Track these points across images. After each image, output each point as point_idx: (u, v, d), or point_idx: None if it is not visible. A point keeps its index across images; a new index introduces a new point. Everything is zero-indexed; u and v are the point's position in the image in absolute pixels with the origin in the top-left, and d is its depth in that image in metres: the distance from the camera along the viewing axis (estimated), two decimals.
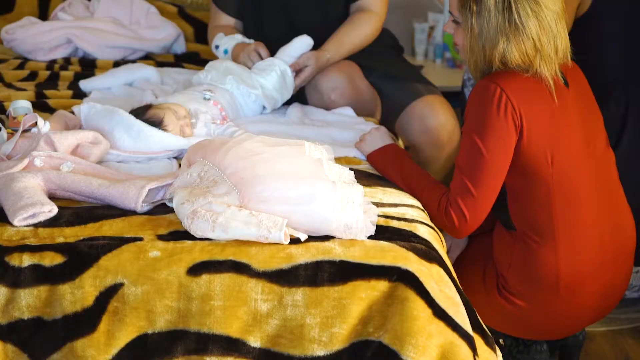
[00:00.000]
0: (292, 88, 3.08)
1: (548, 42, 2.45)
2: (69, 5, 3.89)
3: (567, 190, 2.51)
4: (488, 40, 2.47)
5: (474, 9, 2.48)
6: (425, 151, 3.25)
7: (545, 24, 2.45)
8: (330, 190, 2.17)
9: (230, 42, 3.26)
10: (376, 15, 3.29)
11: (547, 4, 2.45)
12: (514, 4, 2.43)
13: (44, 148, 2.46)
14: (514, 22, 2.44)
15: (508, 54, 2.45)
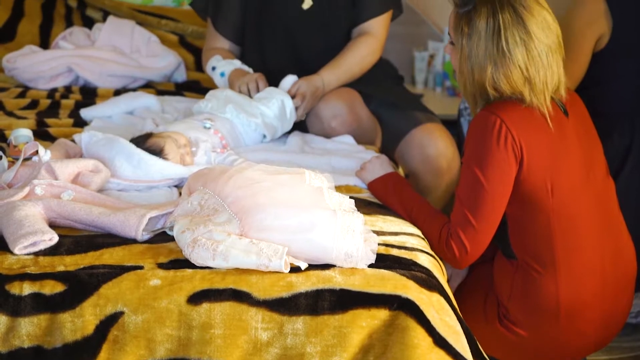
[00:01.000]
0: (292, 119, 3.09)
1: (537, 73, 2.46)
2: (70, 34, 3.91)
3: (568, 219, 2.51)
4: (477, 64, 2.48)
5: (466, 31, 2.50)
6: (425, 179, 3.25)
7: (535, 54, 2.45)
8: (331, 219, 2.17)
9: (228, 66, 3.27)
10: (375, 38, 3.30)
11: (538, 35, 2.45)
12: (504, 31, 2.44)
13: (45, 176, 2.46)
14: (502, 49, 2.45)
15: (497, 81, 2.46)
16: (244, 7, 3.37)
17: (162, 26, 4.08)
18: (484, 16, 2.46)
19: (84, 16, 4.13)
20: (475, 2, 2.48)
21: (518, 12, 2.44)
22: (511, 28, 2.44)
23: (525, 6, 2.45)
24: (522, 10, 2.44)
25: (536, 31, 2.44)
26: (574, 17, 3.21)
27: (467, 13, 2.50)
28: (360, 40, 3.29)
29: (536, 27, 2.45)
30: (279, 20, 3.30)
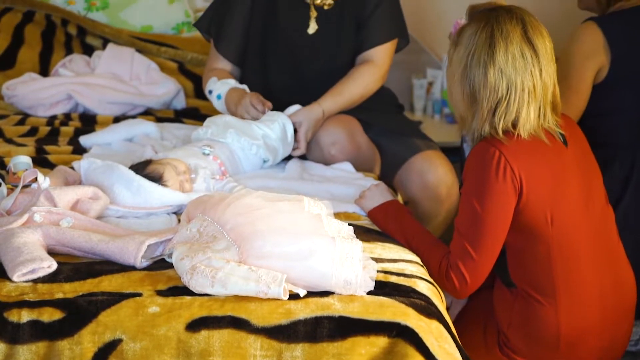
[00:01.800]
0: (292, 143, 3.10)
1: (485, 100, 2.46)
2: (70, 62, 3.92)
3: (567, 248, 2.51)
4: (450, 73, 2.54)
5: (455, 40, 2.56)
6: (424, 206, 3.25)
7: (491, 82, 2.45)
8: (330, 246, 2.17)
9: (223, 87, 3.29)
10: (378, 67, 3.32)
11: (502, 66, 2.44)
12: (474, 48, 2.47)
13: (44, 204, 2.46)
14: (465, 64, 2.48)
15: (455, 92, 2.50)
16: (247, 29, 3.38)
17: (162, 53, 4.09)
18: (470, 32, 2.51)
19: (83, 43, 4.14)
20: (472, 20, 2.52)
21: (493, 37, 2.46)
22: (480, 49, 2.47)
23: (503, 33, 2.45)
24: (497, 35, 2.46)
25: (501, 60, 2.44)
26: (573, 49, 3.22)
27: (462, 26, 2.55)
28: (363, 68, 3.31)
29: (504, 56, 2.44)
30: (283, 43, 3.31)
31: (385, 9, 3.35)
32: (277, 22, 3.34)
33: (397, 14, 3.41)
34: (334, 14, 3.33)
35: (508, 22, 2.47)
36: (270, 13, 3.35)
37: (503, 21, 2.47)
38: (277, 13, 3.34)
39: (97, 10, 4.25)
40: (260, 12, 3.36)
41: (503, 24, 2.47)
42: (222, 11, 3.41)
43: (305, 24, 3.33)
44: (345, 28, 3.33)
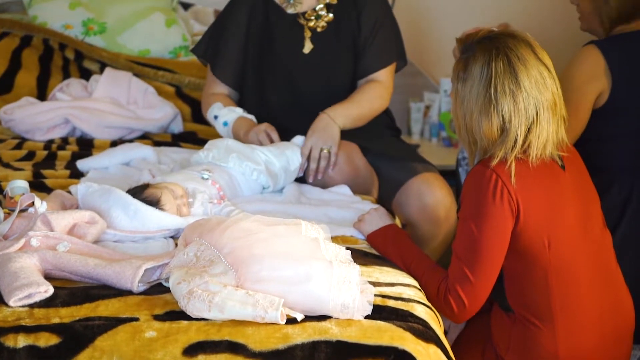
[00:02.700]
0: (295, 175, 3.09)
1: (518, 126, 2.46)
2: (67, 86, 3.92)
3: (565, 273, 2.51)
4: (468, 110, 2.50)
5: (461, 76, 2.53)
6: (422, 228, 3.25)
7: (521, 107, 2.45)
8: (327, 270, 2.17)
9: (230, 115, 3.30)
10: (383, 85, 3.37)
11: (528, 88, 2.45)
12: (494, 78, 2.45)
13: (41, 228, 2.46)
14: (490, 96, 2.46)
15: (477, 127, 2.48)
16: (245, 51, 3.41)
17: (159, 77, 4.10)
18: (480, 63, 2.48)
19: (81, 68, 4.14)
20: (476, 49, 2.50)
21: (512, 62, 2.46)
22: (502, 77, 2.45)
23: (520, 58, 2.46)
24: (516, 61, 2.46)
25: (527, 84, 2.45)
26: (574, 73, 3.21)
27: (466, 59, 2.52)
28: (369, 85, 3.36)
29: (528, 80, 2.45)
30: (280, 64, 3.32)
31: (386, 32, 3.40)
32: (273, 42, 3.37)
33: (396, 35, 3.46)
34: (329, 35, 3.36)
35: (519, 47, 2.47)
36: (267, 33, 3.39)
37: (514, 46, 2.47)
38: (273, 33, 3.38)
39: (95, 35, 4.26)
40: (257, 33, 3.40)
41: (515, 49, 2.47)
42: (217, 35, 3.45)
43: (301, 43, 3.36)
44: (341, 49, 3.36)
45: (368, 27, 3.36)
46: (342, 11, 3.39)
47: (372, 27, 3.36)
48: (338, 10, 3.39)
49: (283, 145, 3.12)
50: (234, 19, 3.43)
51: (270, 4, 3.41)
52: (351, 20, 3.37)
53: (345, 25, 3.37)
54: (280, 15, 3.39)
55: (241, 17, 3.42)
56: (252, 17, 3.41)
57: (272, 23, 3.39)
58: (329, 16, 3.37)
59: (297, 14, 3.39)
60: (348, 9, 3.38)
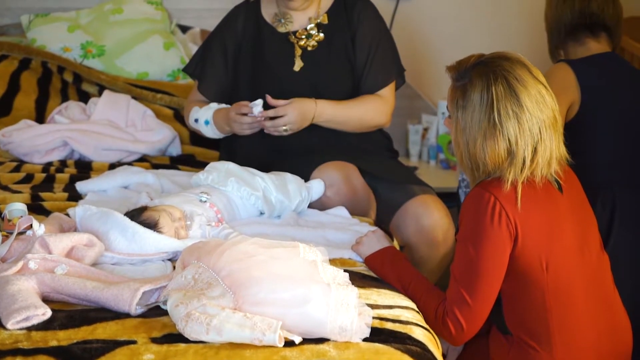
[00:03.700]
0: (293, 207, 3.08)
1: (525, 147, 2.46)
2: (66, 109, 3.92)
3: (563, 296, 2.51)
4: (471, 137, 2.49)
5: (461, 104, 2.51)
6: (420, 250, 3.25)
7: (525, 127, 2.46)
8: (325, 293, 2.17)
9: (208, 112, 3.37)
10: (384, 100, 3.42)
11: (531, 108, 2.46)
12: (496, 103, 2.45)
13: (39, 251, 2.46)
14: (493, 121, 2.46)
15: (483, 153, 2.47)
16: (234, 69, 3.44)
17: (157, 100, 4.11)
18: (479, 89, 2.48)
19: (79, 90, 4.15)
20: (471, 75, 2.50)
21: (511, 85, 2.46)
22: (504, 100, 2.45)
23: (519, 79, 2.47)
24: (515, 83, 2.46)
25: (529, 105, 2.46)
26: None
27: (462, 86, 2.51)
28: (369, 95, 3.42)
29: (529, 100, 2.46)
30: (271, 80, 3.35)
31: (384, 50, 3.45)
32: (265, 60, 3.42)
33: (394, 51, 3.50)
34: (319, 54, 3.40)
35: (516, 68, 2.48)
36: (258, 51, 3.43)
37: (511, 68, 2.48)
38: (264, 51, 3.43)
39: (93, 58, 4.27)
40: (248, 50, 3.45)
41: (512, 71, 2.47)
42: (206, 53, 3.51)
43: (291, 61, 3.40)
44: (332, 68, 3.39)
45: (365, 48, 3.41)
46: (334, 31, 3.43)
47: (369, 47, 3.41)
48: (330, 30, 3.42)
49: (287, 179, 3.10)
50: (221, 38, 3.48)
51: (262, 21, 3.46)
52: (345, 40, 3.41)
53: (337, 45, 3.41)
54: (272, 33, 3.44)
55: (229, 37, 3.47)
56: (243, 36, 3.45)
57: (263, 41, 3.44)
58: (319, 35, 3.42)
59: (288, 32, 3.42)
60: (341, 29, 3.42)
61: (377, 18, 3.48)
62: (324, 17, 3.44)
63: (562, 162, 2.56)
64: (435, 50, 4.78)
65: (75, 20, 4.38)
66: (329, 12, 3.45)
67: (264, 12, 3.48)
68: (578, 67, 3.36)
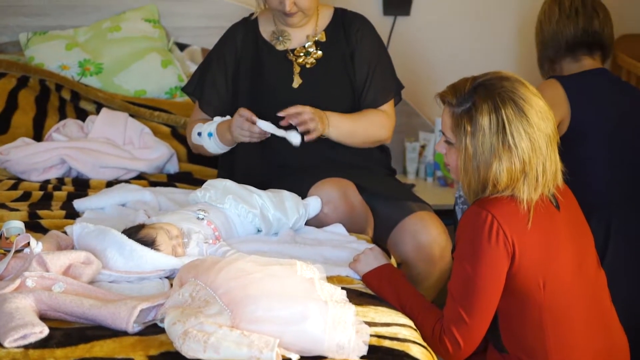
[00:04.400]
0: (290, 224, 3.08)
1: (537, 165, 2.47)
2: (64, 126, 3.93)
3: (560, 314, 2.51)
4: (482, 161, 2.48)
5: (469, 130, 2.49)
6: (417, 267, 3.25)
7: (537, 146, 2.46)
8: (322, 310, 2.17)
9: (211, 126, 3.36)
10: (386, 114, 3.45)
11: (539, 125, 2.47)
12: (508, 125, 2.45)
13: (36, 269, 2.46)
14: (508, 143, 2.45)
15: (499, 175, 2.46)
16: (234, 87, 3.46)
17: (155, 118, 4.11)
18: (486, 113, 2.46)
19: (77, 108, 4.15)
20: (475, 99, 2.49)
21: (519, 105, 2.46)
22: (515, 122, 2.45)
23: (524, 99, 2.47)
24: (522, 103, 2.46)
25: (537, 121, 2.46)
26: None
27: (467, 111, 2.50)
28: (371, 110, 3.44)
29: (537, 117, 2.47)
30: (270, 97, 3.35)
31: (383, 67, 3.47)
32: (264, 77, 3.44)
33: (392, 68, 3.53)
34: (318, 71, 3.42)
35: (518, 87, 2.48)
36: (257, 68, 3.45)
37: (514, 88, 2.48)
38: (263, 68, 3.44)
39: (91, 75, 4.28)
40: (247, 68, 3.46)
41: (517, 90, 2.47)
42: (205, 72, 3.52)
43: (290, 78, 3.41)
44: (330, 85, 3.41)
45: (364, 65, 3.43)
46: (332, 48, 3.45)
47: (368, 65, 3.43)
48: (328, 48, 3.44)
49: (284, 197, 3.11)
50: (221, 57, 3.49)
51: (260, 39, 3.48)
52: (344, 58, 3.43)
53: (335, 62, 3.44)
54: (270, 51, 3.45)
55: (228, 55, 3.48)
56: (241, 54, 3.47)
57: (262, 58, 3.45)
58: (317, 53, 3.43)
59: (286, 50, 3.43)
60: (339, 47, 3.44)
61: (374, 35, 3.50)
62: (321, 34, 3.46)
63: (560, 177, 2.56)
64: (433, 67, 4.79)
65: (73, 38, 4.38)
66: (327, 29, 3.47)
67: (262, 30, 3.49)
68: (568, 83, 3.39)
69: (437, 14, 4.76)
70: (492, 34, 4.79)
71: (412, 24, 4.74)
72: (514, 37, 4.79)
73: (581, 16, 3.49)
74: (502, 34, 4.79)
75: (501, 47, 4.79)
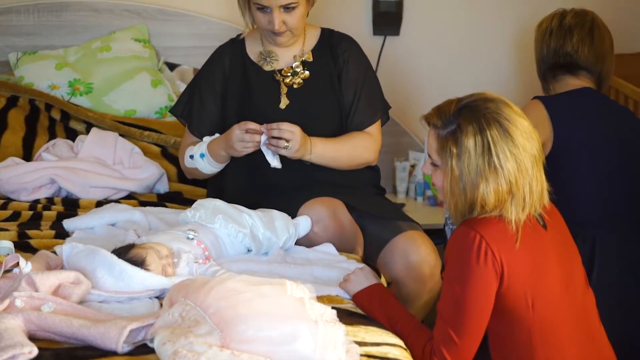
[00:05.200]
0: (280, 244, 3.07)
1: (523, 185, 2.48)
2: (53, 146, 3.93)
3: (549, 333, 2.51)
4: (469, 183, 2.48)
5: (454, 152, 2.50)
6: (407, 286, 3.25)
7: (523, 166, 2.48)
8: (312, 330, 2.16)
9: (202, 146, 3.36)
10: (371, 136, 3.45)
11: (524, 146, 2.48)
12: (494, 147, 2.46)
13: (25, 289, 2.45)
14: (493, 165, 2.46)
15: (486, 197, 2.47)
16: (222, 108, 3.47)
17: (145, 137, 4.11)
18: (472, 134, 2.47)
19: (67, 128, 4.15)
20: (459, 121, 2.50)
21: (504, 126, 2.47)
22: (500, 143, 2.46)
23: (509, 120, 2.48)
24: (507, 124, 2.47)
25: (522, 142, 2.47)
26: None
27: (452, 133, 2.51)
28: (356, 132, 3.44)
29: (522, 138, 2.47)
30: (258, 119, 3.33)
31: (370, 88, 3.48)
32: (252, 98, 3.44)
33: (379, 89, 3.53)
34: (305, 91, 3.43)
35: (502, 108, 2.49)
36: (245, 89, 3.45)
37: (499, 109, 2.49)
38: (251, 89, 3.45)
39: (81, 95, 4.27)
40: (235, 88, 3.47)
41: (501, 111, 2.48)
42: (193, 95, 3.53)
43: (277, 99, 3.42)
44: (317, 105, 3.42)
45: (351, 86, 3.44)
46: (320, 69, 3.46)
47: (355, 86, 3.44)
48: (315, 68, 3.45)
49: (274, 216, 3.10)
50: (209, 77, 3.50)
51: (248, 60, 3.48)
52: (331, 78, 3.44)
53: (323, 83, 3.45)
54: (258, 71, 3.46)
55: (217, 76, 3.49)
56: (230, 74, 3.48)
57: (249, 79, 3.46)
58: (305, 73, 3.44)
59: (273, 70, 3.44)
60: (326, 67, 3.45)
61: (362, 56, 3.51)
62: (308, 54, 3.47)
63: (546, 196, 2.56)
64: (423, 87, 4.80)
65: (63, 58, 4.38)
66: (314, 50, 3.48)
67: (249, 51, 3.50)
68: (550, 103, 3.41)
69: (426, 34, 4.78)
70: (482, 54, 4.81)
71: (401, 43, 4.75)
72: (504, 57, 4.81)
73: (554, 37, 3.52)
74: (491, 54, 4.81)
75: (491, 67, 4.81)
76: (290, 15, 3.32)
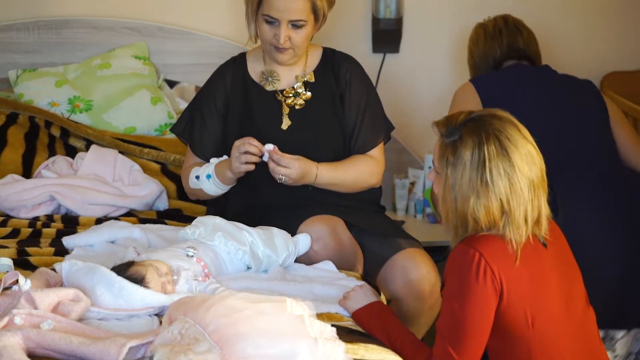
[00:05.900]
0: (280, 262, 3.07)
1: (517, 207, 2.47)
2: (53, 163, 3.93)
3: (549, 351, 2.50)
4: (460, 194, 2.49)
5: (451, 160, 2.51)
6: (407, 304, 3.24)
7: (517, 188, 2.47)
8: (312, 348, 2.16)
9: (209, 167, 3.34)
10: (375, 159, 3.45)
11: (522, 168, 2.47)
12: (488, 162, 2.46)
13: (25, 306, 2.45)
14: (485, 180, 2.46)
15: (477, 212, 2.47)
16: (224, 127, 3.46)
17: (145, 154, 4.11)
18: (470, 147, 2.48)
19: (67, 145, 4.15)
20: (462, 132, 2.51)
21: (503, 144, 2.47)
22: (496, 160, 2.46)
23: (510, 139, 2.48)
24: (507, 143, 2.47)
25: (520, 164, 2.47)
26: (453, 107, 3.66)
27: (452, 143, 2.52)
28: (360, 156, 3.44)
29: (520, 160, 2.47)
30: (260, 140, 3.32)
31: (373, 110, 3.48)
32: (253, 118, 3.43)
33: (382, 111, 3.53)
34: (307, 112, 3.42)
35: (507, 127, 2.49)
36: (246, 109, 3.45)
37: (502, 128, 2.49)
38: (252, 109, 3.44)
39: (81, 112, 4.28)
40: (236, 108, 3.46)
41: (504, 130, 2.48)
42: (195, 113, 3.52)
43: (279, 119, 3.42)
44: (319, 126, 3.42)
45: (354, 108, 3.44)
46: (322, 89, 3.45)
47: (357, 107, 3.44)
48: (317, 88, 3.45)
49: (274, 234, 3.10)
50: (210, 97, 3.49)
51: (249, 80, 3.48)
52: (333, 99, 3.43)
53: (325, 103, 3.44)
54: (259, 91, 3.46)
55: (218, 95, 3.48)
56: (231, 94, 3.47)
57: (251, 99, 3.45)
58: (307, 94, 3.44)
59: (275, 90, 3.44)
60: (328, 88, 3.45)
61: (364, 77, 3.51)
62: (310, 75, 3.46)
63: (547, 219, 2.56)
64: (422, 104, 4.81)
65: (62, 75, 4.39)
66: (316, 70, 3.48)
67: (250, 71, 3.50)
68: (478, 82, 3.66)
69: (426, 51, 4.79)
70: None
71: (401, 61, 4.76)
72: None
73: (504, 35, 3.79)
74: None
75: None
76: (296, 33, 3.32)
